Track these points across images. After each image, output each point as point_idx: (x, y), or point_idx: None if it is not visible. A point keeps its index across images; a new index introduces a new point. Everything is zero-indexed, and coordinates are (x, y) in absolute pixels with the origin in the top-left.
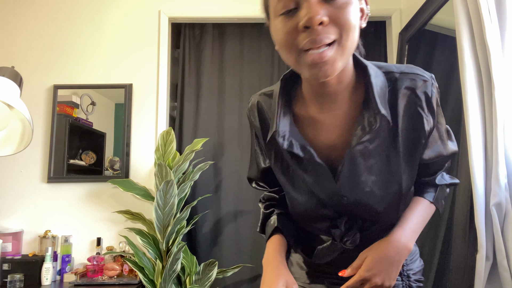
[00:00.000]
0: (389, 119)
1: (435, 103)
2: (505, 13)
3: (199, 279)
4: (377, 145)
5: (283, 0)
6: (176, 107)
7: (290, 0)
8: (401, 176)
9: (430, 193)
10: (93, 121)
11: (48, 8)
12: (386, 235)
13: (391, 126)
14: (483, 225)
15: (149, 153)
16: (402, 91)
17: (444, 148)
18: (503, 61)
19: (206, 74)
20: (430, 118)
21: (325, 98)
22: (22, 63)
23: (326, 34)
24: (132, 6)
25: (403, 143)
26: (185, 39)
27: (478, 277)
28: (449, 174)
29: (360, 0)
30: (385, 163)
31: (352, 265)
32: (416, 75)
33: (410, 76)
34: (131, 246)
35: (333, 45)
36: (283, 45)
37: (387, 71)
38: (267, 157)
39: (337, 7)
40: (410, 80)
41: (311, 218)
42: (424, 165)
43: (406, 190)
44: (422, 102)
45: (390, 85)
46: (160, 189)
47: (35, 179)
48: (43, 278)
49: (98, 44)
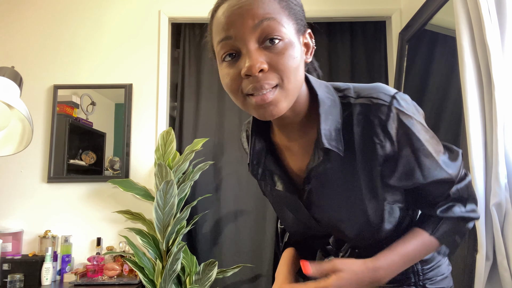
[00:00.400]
0: (336, 150)
1: (393, 126)
2: (505, 13)
3: (199, 279)
4: (331, 174)
5: (225, 48)
6: (176, 107)
7: (231, 48)
8: (365, 204)
9: (430, 224)
10: (93, 121)
11: (48, 8)
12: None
13: (347, 154)
14: (483, 225)
15: (149, 153)
16: (356, 117)
17: (424, 174)
18: (503, 61)
19: (206, 74)
20: (387, 143)
21: (287, 128)
22: (22, 63)
23: (267, 80)
24: (132, 6)
25: (362, 171)
26: (185, 39)
27: (478, 277)
28: (472, 205)
29: (303, 36)
30: (344, 191)
31: (319, 266)
32: (371, 98)
33: (364, 100)
34: (131, 246)
35: (275, 88)
36: (230, 90)
37: (344, 96)
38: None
39: (276, 53)
40: (363, 105)
41: (304, 237)
42: (416, 193)
43: (377, 219)
44: (375, 127)
45: (346, 111)
46: (160, 189)
47: (35, 179)
48: (43, 278)
49: (98, 44)
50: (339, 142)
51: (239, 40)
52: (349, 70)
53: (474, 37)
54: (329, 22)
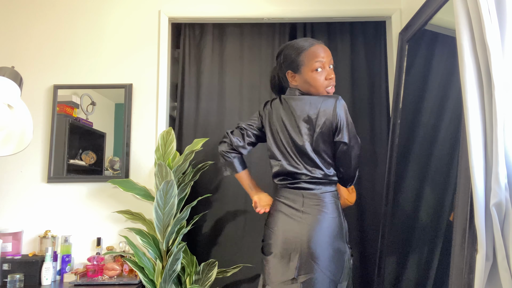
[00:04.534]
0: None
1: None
2: (505, 13)
3: (199, 279)
4: None
5: (321, 64)
6: (176, 107)
7: (322, 66)
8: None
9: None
10: (93, 121)
11: (48, 8)
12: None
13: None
14: (483, 225)
15: (149, 153)
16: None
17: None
18: (503, 61)
19: (206, 74)
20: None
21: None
22: (22, 63)
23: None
24: (132, 6)
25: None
26: (185, 39)
27: (478, 277)
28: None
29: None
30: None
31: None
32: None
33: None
34: (131, 246)
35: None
36: (320, 85)
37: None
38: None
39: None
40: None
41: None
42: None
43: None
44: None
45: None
46: (160, 189)
47: (35, 179)
48: (43, 278)
49: (98, 44)
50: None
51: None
52: (349, 70)
53: (474, 37)
54: (329, 22)
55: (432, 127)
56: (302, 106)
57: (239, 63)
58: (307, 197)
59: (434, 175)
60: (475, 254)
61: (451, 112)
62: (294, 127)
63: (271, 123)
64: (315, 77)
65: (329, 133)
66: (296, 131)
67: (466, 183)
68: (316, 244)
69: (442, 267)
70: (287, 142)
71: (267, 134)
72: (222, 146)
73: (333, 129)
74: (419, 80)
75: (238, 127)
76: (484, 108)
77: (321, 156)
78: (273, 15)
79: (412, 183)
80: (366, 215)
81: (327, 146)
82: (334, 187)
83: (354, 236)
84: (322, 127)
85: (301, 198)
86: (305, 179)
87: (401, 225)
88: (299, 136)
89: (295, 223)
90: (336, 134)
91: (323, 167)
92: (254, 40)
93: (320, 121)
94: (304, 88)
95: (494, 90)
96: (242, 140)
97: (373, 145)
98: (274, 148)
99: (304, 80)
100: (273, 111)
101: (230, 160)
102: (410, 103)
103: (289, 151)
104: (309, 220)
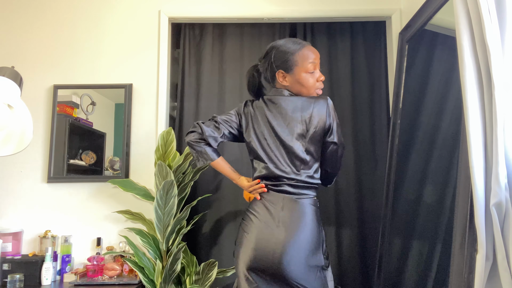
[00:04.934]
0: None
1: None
2: (505, 13)
3: (199, 279)
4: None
5: (313, 66)
6: (176, 107)
7: (314, 68)
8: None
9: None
10: (93, 121)
11: (48, 8)
12: None
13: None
14: (483, 225)
15: (149, 153)
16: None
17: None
18: (503, 61)
19: (206, 74)
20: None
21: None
22: (22, 63)
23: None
24: (132, 6)
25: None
26: (185, 39)
27: (478, 277)
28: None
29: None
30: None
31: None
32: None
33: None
34: (131, 246)
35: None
36: (311, 86)
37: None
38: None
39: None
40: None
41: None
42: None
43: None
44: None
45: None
46: (160, 189)
47: (35, 179)
48: (43, 278)
49: (98, 44)
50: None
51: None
52: (349, 70)
53: (474, 37)
54: (329, 22)
55: (432, 127)
56: (295, 107)
57: (239, 63)
58: (287, 200)
59: (434, 175)
60: (475, 254)
61: (451, 112)
62: (284, 127)
63: (255, 125)
64: (308, 78)
65: (321, 133)
66: (286, 132)
67: (466, 183)
68: (290, 264)
69: (442, 267)
70: (276, 144)
71: (250, 136)
72: (190, 136)
73: (325, 129)
74: (419, 80)
75: (213, 119)
76: (484, 108)
77: (312, 156)
78: (273, 15)
79: (412, 183)
80: (366, 215)
81: (318, 147)
82: (315, 191)
83: (354, 236)
84: (316, 127)
85: (281, 202)
86: (289, 182)
87: (401, 225)
88: (290, 136)
89: (270, 235)
90: (328, 135)
91: (312, 168)
92: (254, 40)
93: (315, 122)
94: (294, 88)
95: (494, 90)
96: (215, 132)
97: (373, 145)
98: (260, 151)
99: (296, 80)
100: (257, 113)
101: (200, 149)
102: (410, 103)
103: (276, 154)
104: (282, 236)
